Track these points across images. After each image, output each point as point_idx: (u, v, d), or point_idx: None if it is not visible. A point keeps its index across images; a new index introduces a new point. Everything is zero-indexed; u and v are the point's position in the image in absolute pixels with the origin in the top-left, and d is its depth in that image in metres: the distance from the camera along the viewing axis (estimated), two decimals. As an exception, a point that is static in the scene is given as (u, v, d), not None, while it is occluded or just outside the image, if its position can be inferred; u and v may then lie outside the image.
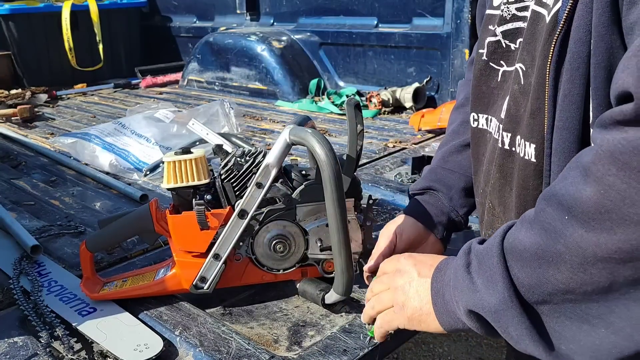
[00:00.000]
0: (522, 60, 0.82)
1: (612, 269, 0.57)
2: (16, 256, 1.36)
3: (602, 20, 0.65)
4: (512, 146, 0.86)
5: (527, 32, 0.81)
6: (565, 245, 0.60)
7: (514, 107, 0.84)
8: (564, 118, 0.71)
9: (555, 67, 0.72)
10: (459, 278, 0.74)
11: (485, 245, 0.73)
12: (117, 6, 4.08)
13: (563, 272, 0.60)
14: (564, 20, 0.70)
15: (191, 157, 1.08)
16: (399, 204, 1.66)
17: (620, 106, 0.57)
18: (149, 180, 1.97)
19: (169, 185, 1.09)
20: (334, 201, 0.94)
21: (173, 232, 1.11)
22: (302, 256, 1.16)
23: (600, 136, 0.58)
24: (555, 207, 0.62)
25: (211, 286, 1.12)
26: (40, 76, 3.78)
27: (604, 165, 0.56)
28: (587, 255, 0.58)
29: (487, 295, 0.68)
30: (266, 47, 3.26)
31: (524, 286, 0.65)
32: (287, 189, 1.13)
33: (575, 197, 0.59)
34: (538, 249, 0.63)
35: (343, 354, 0.98)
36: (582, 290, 0.60)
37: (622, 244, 0.55)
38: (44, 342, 1.03)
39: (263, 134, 2.54)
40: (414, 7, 2.85)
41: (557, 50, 0.71)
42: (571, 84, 0.70)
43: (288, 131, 1.02)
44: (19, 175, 2.07)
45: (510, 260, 0.67)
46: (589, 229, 0.57)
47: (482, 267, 0.71)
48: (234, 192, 1.11)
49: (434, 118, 2.36)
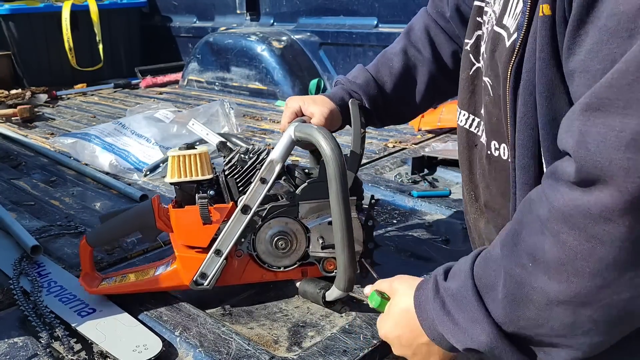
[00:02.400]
0: (487, 74, 0.88)
1: (574, 310, 0.64)
2: (16, 256, 1.36)
3: (542, 56, 0.70)
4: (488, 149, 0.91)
5: (488, 49, 0.86)
6: (531, 289, 0.66)
7: (487, 116, 0.91)
8: (521, 137, 0.77)
9: (512, 91, 0.77)
10: (441, 320, 0.77)
11: (456, 285, 0.76)
12: (117, 6, 4.08)
13: (532, 310, 0.67)
14: (516, 50, 0.75)
15: (195, 152, 1.09)
16: (399, 204, 1.66)
17: (564, 166, 0.63)
18: (149, 180, 1.97)
19: (173, 180, 1.10)
20: (339, 196, 0.94)
21: (175, 226, 1.11)
22: (303, 254, 1.16)
23: (551, 192, 0.64)
24: (517, 255, 0.68)
25: (211, 282, 1.12)
26: (40, 76, 3.77)
27: (557, 224, 0.62)
28: (551, 298, 0.65)
29: (476, 334, 0.73)
30: (266, 47, 3.25)
31: (501, 322, 0.71)
32: (290, 186, 1.13)
33: (536, 249, 0.65)
34: (508, 293, 0.69)
35: (343, 354, 0.98)
36: (550, 325, 0.67)
37: (578, 290, 0.62)
38: (44, 342, 1.03)
39: (263, 134, 2.54)
40: (414, 7, 2.84)
41: (512, 77, 0.77)
42: (525, 107, 0.75)
43: (293, 128, 1.02)
44: (19, 175, 2.07)
45: (485, 297, 0.73)
46: (550, 277, 0.64)
47: (460, 307, 0.75)
48: (237, 188, 1.11)
49: (434, 118, 2.35)
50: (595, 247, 0.59)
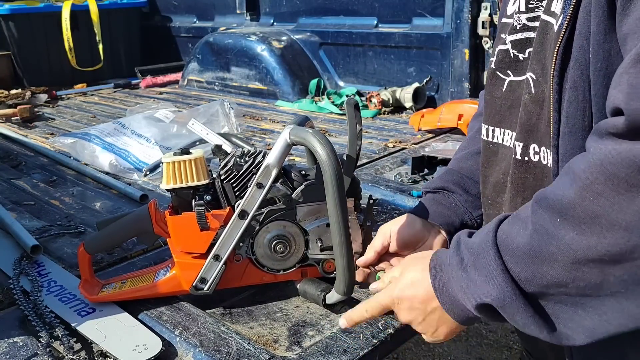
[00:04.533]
0: (532, 69, 0.84)
1: (603, 269, 0.61)
2: (16, 256, 1.36)
3: (600, 28, 0.67)
4: (524, 155, 0.86)
5: (537, 41, 0.82)
6: (557, 247, 0.64)
7: (525, 116, 0.85)
8: (570, 124, 0.73)
9: (559, 74, 0.74)
10: (457, 276, 0.76)
11: (478, 240, 0.74)
12: (117, 6, 4.08)
13: (556, 269, 0.64)
14: (564, 28, 0.72)
15: (190, 157, 1.08)
16: (399, 204, 1.66)
17: (612, 120, 0.60)
18: (149, 180, 1.97)
19: (168, 186, 1.09)
20: (336, 201, 0.94)
21: (173, 233, 1.11)
22: (302, 256, 1.15)
23: (595, 145, 0.62)
24: (546, 210, 0.66)
25: (211, 287, 1.12)
26: (40, 76, 3.77)
27: (592, 174, 0.60)
28: (579, 257, 0.62)
29: (490, 290, 0.70)
30: (266, 47, 3.25)
31: (521, 280, 0.68)
32: (287, 189, 1.12)
33: (566, 202, 0.63)
34: (531, 249, 0.67)
35: (343, 354, 0.98)
36: (575, 285, 0.64)
37: (611, 247, 0.59)
38: (44, 342, 1.03)
39: (263, 134, 2.54)
40: (414, 7, 2.85)
41: (559, 59, 0.73)
42: (575, 91, 0.72)
43: (288, 131, 1.02)
44: (19, 175, 2.07)
45: (505, 256, 0.70)
46: (579, 232, 0.61)
47: (478, 263, 0.73)
48: (234, 193, 1.10)
49: (434, 118, 2.35)
50: (635, 197, 0.57)
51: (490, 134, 0.99)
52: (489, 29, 2.51)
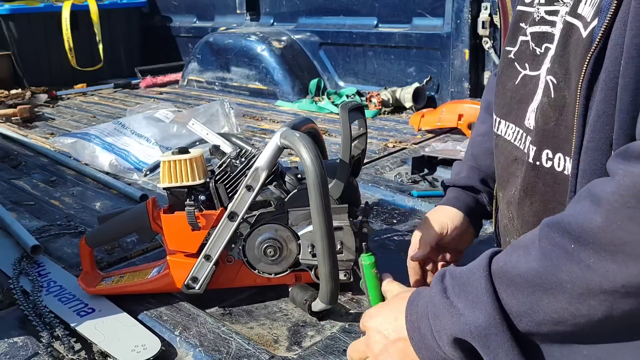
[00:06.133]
0: (553, 72, 0.79)
1: (612, 302, 0.56)
2: (16, 256, 1.36)
3: (635, 42, 0.62)
4: (536, 160, 0.83)
5: (559, 43, 0.78)
6: (568, 274, 0.58)
7: (542, 120, 0.81)
8: (595, 138, 0.68)
9: (587, 85, 0.69)
10: (436, 305, 0.69)
11: (467, 269, 0.69)
12: (117, 6, 4.08)
13: (560, 301, 0.59)
14: (599, 37, 0.67)
15: (187, 157, 1.08)
16: (399, 204, 1.66)
17: None
18: (149, 180, 1.97)
19: (164, 185, 1.10)
20: (319, 208, 0.92)
21: (166, 232, 1.11)
22: (294, 261, 1.13)
23: (623, 167, 0.57)
24: (561, 235, 0.60)
25: (202, 287, 1.12)
26: (40, 76, 3.78)
27: (623, 197, 0.55)
28: (592, 286, 0.57)
29: (473, 317, 0.64)
30: (266, 47, 3.25)
31: (513, 313, 0.63)
32: (280, 192, 1.11)
33: (589, 227, 0.57)
34: (535, 276, 0.61)
35: (343, 354, 0.98)
36: (574, 322, 0.59)
37: (632, 277, 0.54)
38: (44, 342, 1.03)
39: (263, 134, 2.54)
40: (414, 7, 2.85)
41: (590, 68, 0.69)
42: (605, 104, 0.67)
43: (279, 134, 1.01)
44: (19, 175, 2.07)
45: (499, 285, 0.64)
46: (598, 259, 0.56)
47: (463, 290, 0.67)
48: (227, 194, 1.10)
49: (434, 118, 2.35)
50: None
51: (496, 125, 0.97)
52: (489, 29, 2.51)
